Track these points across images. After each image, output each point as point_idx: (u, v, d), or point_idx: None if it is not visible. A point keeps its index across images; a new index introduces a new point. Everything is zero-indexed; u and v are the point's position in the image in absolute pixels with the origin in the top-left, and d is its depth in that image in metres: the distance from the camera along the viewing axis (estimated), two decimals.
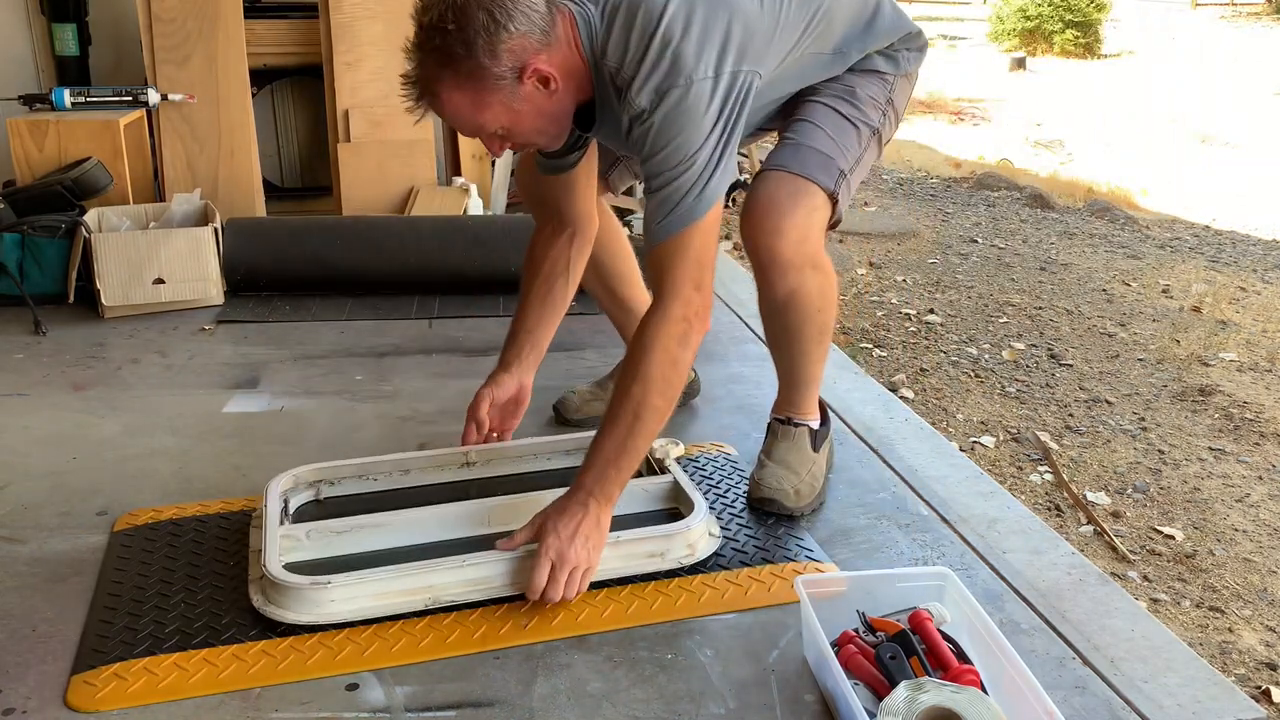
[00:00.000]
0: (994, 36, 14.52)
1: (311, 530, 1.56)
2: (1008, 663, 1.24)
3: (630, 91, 1.43)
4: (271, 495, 1.62)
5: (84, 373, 2.35)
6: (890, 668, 1.26)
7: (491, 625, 1.42)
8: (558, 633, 1.41)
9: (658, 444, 1.77)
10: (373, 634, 1.39)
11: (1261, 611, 2.24)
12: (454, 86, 1.40)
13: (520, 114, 1.45)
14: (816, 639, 1.29)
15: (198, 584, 1.51)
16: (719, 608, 1.48)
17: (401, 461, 1.78)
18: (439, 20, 1.37)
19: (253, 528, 1.64)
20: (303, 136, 4.01)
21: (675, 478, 1.71)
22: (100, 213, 2.83)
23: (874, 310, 4.29)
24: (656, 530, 1.57)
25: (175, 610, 1.45)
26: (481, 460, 1.81)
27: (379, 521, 1.59)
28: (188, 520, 1.69)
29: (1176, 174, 7.51)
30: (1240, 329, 4.10)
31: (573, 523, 1.44)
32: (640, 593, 1.50)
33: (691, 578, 1.54)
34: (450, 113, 1.44)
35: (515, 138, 1.49)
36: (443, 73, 1.40)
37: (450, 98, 1.42)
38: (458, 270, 2.91)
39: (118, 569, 1.55)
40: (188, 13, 3.29)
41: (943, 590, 1.40)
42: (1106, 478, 2.84)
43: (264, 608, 1.42)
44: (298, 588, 1.41)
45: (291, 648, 1.37)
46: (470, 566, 1.46)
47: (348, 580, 1.42)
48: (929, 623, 1.33)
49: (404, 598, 1.43)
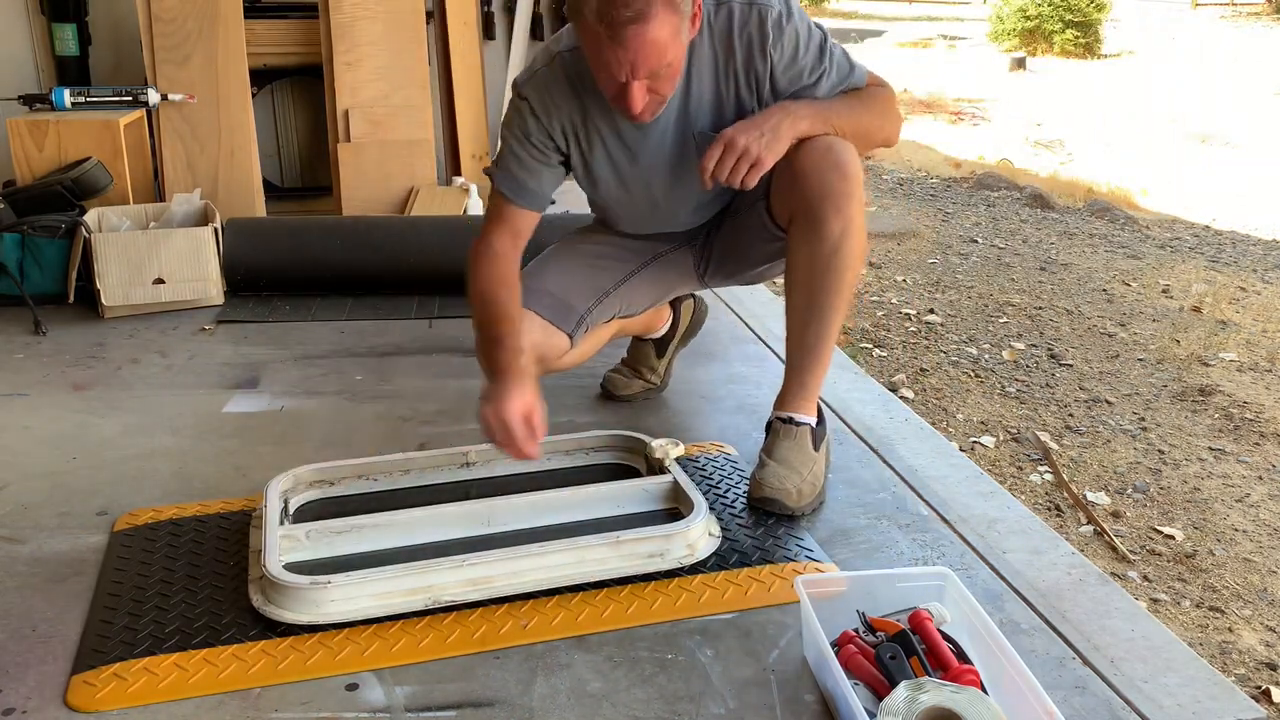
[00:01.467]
0: (994, 36, 14.53)
1: (311, 530, 1.56)
2: (1008, 663, 1.24)
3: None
4: (271, 495, 1.62)
5: (84, 373, 2.35)
6: (890, 668, 1.26)
7: (491, 625, 1.42)
8: (558, 633, 1.41)
9: (657, 444, 1.77)
10: (373, 634, 1.39)
11: (1261, 611, 2.24)
12: (667, 8, 1.46)
13: (683, 53, 1.56)
14: (816, 639, 1.29)
15: (198, 584, 1.51)
16: (719, 608, 1.47)
17: (402, 461, 1.79)
18: None
19: (253, 528, 1.63)
20: (303, 136, 4.02)
21: (675, 478, 1.71)
22: (100, 213, 2.83)
23: (874, 310, 4.29)
24: (656, 530, 1.57)
25: (175, 610, 1.44)
26: (482, 460, 1.81)
27: (379, 522, 1.59)
28: (188, 520, 1.68)
29: (1176, 174, 7.51)
30: (1240, 329, 4.10)
31: (767, 120, 1.61)
32: (640, 592, 1.50)
33: (691, 577, 1.53)
34: (653, 38, 1.46)
35: (670, 81, 1.56)
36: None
37: (662, 19, 1.45)
38: (458, 270, 2.87)
39: (118, 569, 1.54)
40: (188, 13, 3.29)
41: (943, 590, 1.40)
42: (1106, 478, 2.84)
43: (264, 608, 1.42)
44: (298, 588, 1.41)
45: (291, 647, 1.37)
46: (470, 566, 1.46)
47: (348, 580, 1.42)
48: (929, 623, 1.33)
49: (404, 598, 1.43)
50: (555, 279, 1.92)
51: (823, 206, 1.67)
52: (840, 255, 1.69)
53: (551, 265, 1.95)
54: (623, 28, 1.44)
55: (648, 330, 2.20)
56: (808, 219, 1.69)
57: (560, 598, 1.48)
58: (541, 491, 1.68)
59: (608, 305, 1.97)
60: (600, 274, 1.96)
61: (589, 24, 1.47)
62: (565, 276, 1.93)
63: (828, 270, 1.70)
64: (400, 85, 3.61)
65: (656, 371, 2.22)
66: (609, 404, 2.20)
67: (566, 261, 1.96)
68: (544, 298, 1.87)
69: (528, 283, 1.85)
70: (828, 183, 1.66)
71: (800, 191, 1.69)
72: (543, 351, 1.87)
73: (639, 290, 2.00)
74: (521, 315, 1.76)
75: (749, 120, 1.63)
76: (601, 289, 1.95)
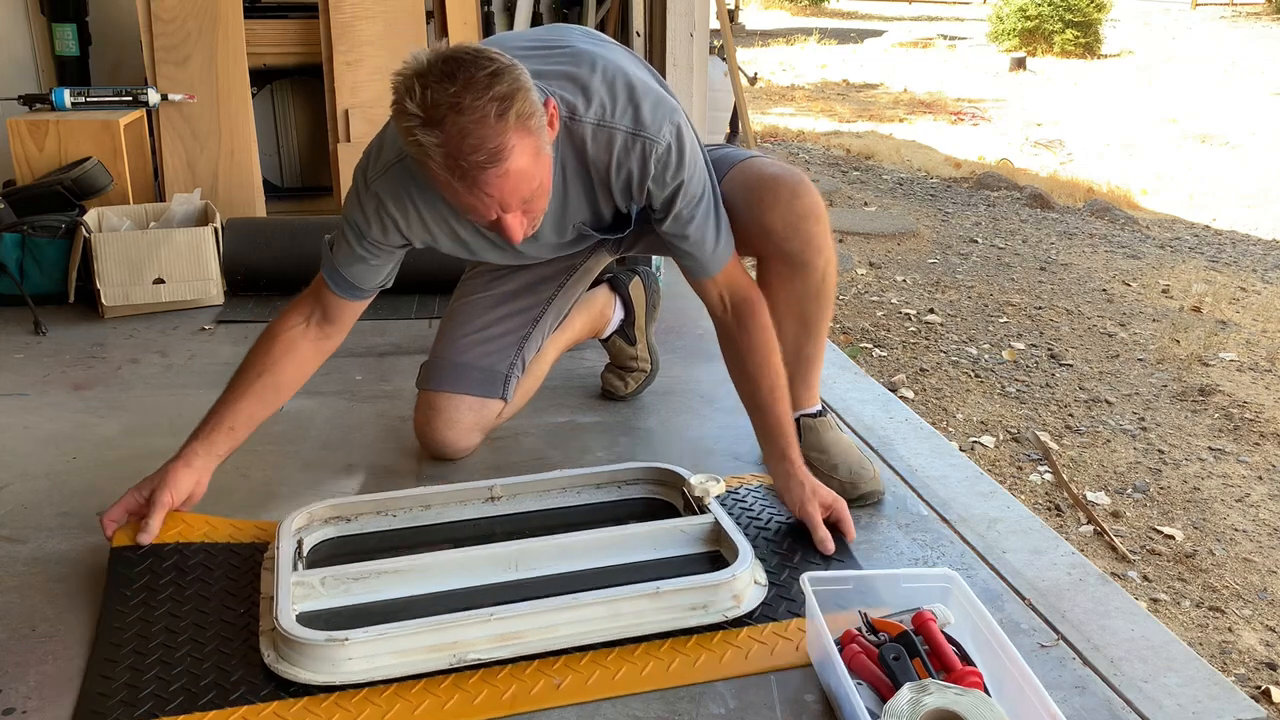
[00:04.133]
0: (994, 36, 14.52)
1: (327, 577, 1.45)
2: (1012, 665, 1.24)
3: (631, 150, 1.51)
4: (284, 535, 1.51)
5: (84, 373, 2.35)
6: (894, 668, 1.25)
7: (522, 685, 1.31)
8: (594, 693, 1.30)
9: (695, 481, 1.65)
10: (393, 694, 1.28)
11: (1261, 611, 2.24)
12: (520, 134, 1.32)
13: (549, 165, 1.42)
14: (821, 638, 1.28)
15: (205, 633, 1.39)
16: (768, 664, 1.36)
17: (423, 496, 1.67)
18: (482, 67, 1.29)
19: (264, 569, 1.52)
20: (303, 136, 4.02)
21: (717, 518, 1.59)
22: (100, 213, 2.83)
23: (874, 310, 4.29)
24: (699, 580, 1.44)
25: (181, 664, 1.33)
26: (508, 495, 1.71)
27: (399, 566, 1.49)
28: (193, 549, 1.56)
29: (1176, 174, 7.51)
30: (1240, 329, 4.10)
31: (807, 483, 1.63)
32: (682, 647, 1.38)
33: (737, 630, 1.41)
34: (516, 170, 1.33)
35: (543, 197, 1.44)
36: (505, 120, 1.29)
37: (519, 149, 1.32)
38: (458, 270, 2.90)
39: (119, 609, 1.43)
40: (188, 13, 3.29)
41: (948, 592, 1.39)
42: (1106, 478, 2.84)
43: (276, 665, 1.31)
44: (312, 644, 1.29)
45: (306, 710, 1.26)
46: (498, 620, 1.35)
47: (366, 636, 1.30)
48: (932, 624, 1.32)
49: (427, 655, 1.32)
50: (470, 348, 1.87)
51: (805, 251, 1.70)
52: (826, 280, 1.75)
53: (460, 332, 1.89)
54: (479, 173, 1.31)
55: (595, 334, 2.16)
56: (790, 264, 1.72)
57: (596, 653, 1.36)
58: (573, 533, 1.55)
59: (531, 343, 1.93)
60: (514, 318, 1.91)
61: (438, 174, 1.34)
62: (479, 341, 1.88)
63: (818, 295, 1.76)
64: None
65: (640, 359, 2.20)
66: (610, 403, 2.20)
67: (475, 319, 1.90)
68: (466, 375, 1.83)
69: (443, 358, 1.85)
70: (804, 232, 1.68)
71: (777, 244, 1.70)
72: (482, 423, 1.90)
73: (559, 307, 1.96)
74: (275, 404, 1.66)
75: (789, 491, 1.65)
76: (520, 334, 1.91)
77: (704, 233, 1.62)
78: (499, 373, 1.89)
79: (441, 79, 1.27)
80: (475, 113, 1.27)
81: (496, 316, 1.91)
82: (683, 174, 1.55)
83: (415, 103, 1.27)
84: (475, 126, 1.27)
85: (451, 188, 1.35)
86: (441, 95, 1.26)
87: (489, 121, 1.28)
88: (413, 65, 1.29)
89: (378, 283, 1.69)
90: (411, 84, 1.28)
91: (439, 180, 1.36)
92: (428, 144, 1.29)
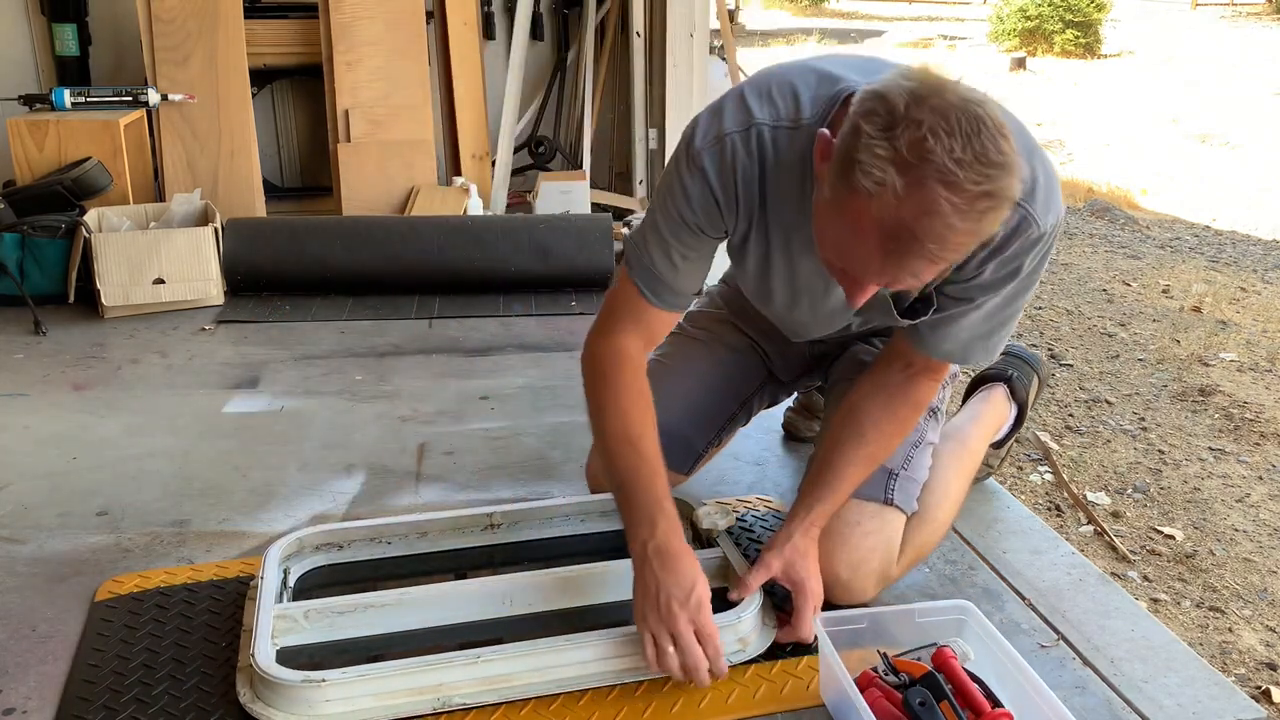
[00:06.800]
0: (994, 36, 14.52)
1: (311, 610, 1.37)
2: (1043, 702, 1.17)
3: None
4: (270, 564, 1.44)
5: (84, 373, 2.35)
6: (921, 715, 1.15)
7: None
8: None
9: (703, 512, 1.57)
10: None
11: (1261, 611, 2.24)
12: (978, 237, 1.08)
13: None
14: (839, 680, 1.19)
15: (184, 669, 1.34)
16: (775, 705, 1.29)
17: (419, 524, 1.60)
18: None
19: (248, 599, 1.45)
20: (303, 136, 4.02)
21: (725, 553, 1.51)
22: (100, 213, 2.83)
23: None
24: None
25: (157, 704, 1.27)
26: (507, 522, 1.62)
27: (387, 600, 1.41)
28: (176, 590, 1.51)
29: (1176, 174, 7.51)
30: (1240, 329, 4.10)
31: (811, 556, 1.38)
32: (685, 686, 1.30)
33: (744, 668, 1.34)
34: (949, 264, 1.11)
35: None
36: (980, 224, 1.05)
37: (967, 247, 1.09)
38: (458, 270, 2.91)
39: (96, 649, 1.37)
40: (188, 13, 3.29)
41: (964, 624, 1.32)
42: (1106, 478, 2.84)
43: (251, 705, 1.25)
44: (288, 685, 1.23)
45: None
46: (485, 663, 1.28)
47: (345, 677, 1.24)
48: (954, 662, 1.23)
49: (409, 698, 1.26)
50: (679, 401, 1.64)
51: None
52: None
53: (678, 377, 1.68)
54: (915, 259, 1.06)
55: None
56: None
57: (594, 693, 1.29)
58: (570, 566, 1.48)
59: (727, 433, 1.75)
60: (728, 388, 1.72)
61: (863, 214, 1.05)
62: (691, 396, 1.67)
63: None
64: (400, 85, 3.61)
65: None
66: None
67: (695, 367, 1.70)
68: (662, 433, 1.45)
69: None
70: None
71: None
72: None
73: (752, 410, 1.79)
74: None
75: (782, 542, 1.40)
76: (727, 412, 1.73)
77: (984, 321, 1.35)
78: (694, 446, 1.70)
79: (953, 132, 1.01)
80: (962, 199, 1.01)
81: (717, 376, 1.71)
82: (1035, 261, 1.28)
83: (904, 136, 1.02)
84: (950, 214, 1.02)
85: (861, 234, 1.07)
86: (942, 155, 1.01)
87: (968, 218, 1.03)
88: (931, 85, 1.05)
89: (693, 289, 1.46)
90: (920, 110, 1.03)
91: (852, 213, 1.07)
92: (888, 184, 1.02)
